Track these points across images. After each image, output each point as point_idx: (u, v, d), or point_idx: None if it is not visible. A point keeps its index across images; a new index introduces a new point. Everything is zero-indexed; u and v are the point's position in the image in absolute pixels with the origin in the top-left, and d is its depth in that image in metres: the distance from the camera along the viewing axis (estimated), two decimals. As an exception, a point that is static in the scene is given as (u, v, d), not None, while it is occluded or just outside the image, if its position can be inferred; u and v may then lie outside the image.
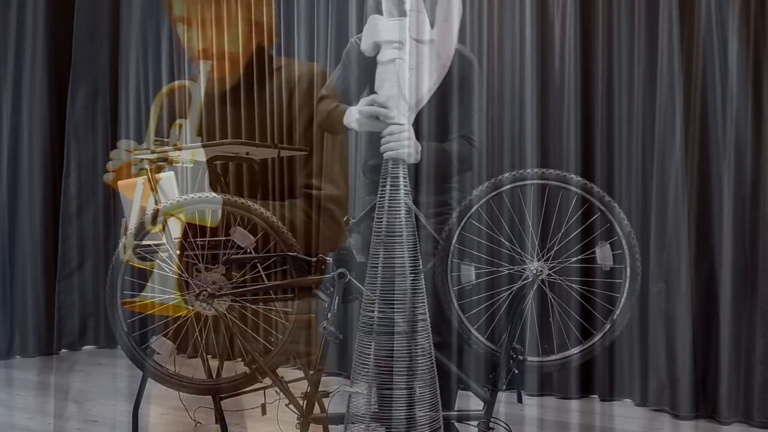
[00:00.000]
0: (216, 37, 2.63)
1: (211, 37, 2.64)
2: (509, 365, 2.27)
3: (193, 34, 2.67)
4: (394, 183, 2.09)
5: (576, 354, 2.33)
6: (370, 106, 2.16)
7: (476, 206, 2.30)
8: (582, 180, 2.30)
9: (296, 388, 2.45)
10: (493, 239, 2.57)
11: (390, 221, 2.07)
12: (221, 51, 2.66)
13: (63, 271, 5.11)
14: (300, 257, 2.38)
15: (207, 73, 2.55)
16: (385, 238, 2.06)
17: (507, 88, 3.88)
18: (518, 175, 2.32)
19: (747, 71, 3.28)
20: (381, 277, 2.05)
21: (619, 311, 2.29)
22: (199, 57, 2.65)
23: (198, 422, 3.22)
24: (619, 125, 3.65)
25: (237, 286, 2.42)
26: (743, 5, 3.28)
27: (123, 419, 3.39)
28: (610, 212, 2.27)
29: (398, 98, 2.12)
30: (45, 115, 5.04)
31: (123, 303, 2.36)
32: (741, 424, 3.29)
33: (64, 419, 3.52)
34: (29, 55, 4.98)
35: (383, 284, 2.05)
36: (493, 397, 2.28)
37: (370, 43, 2.16)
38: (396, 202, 2.08)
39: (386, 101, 2.12)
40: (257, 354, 2.42)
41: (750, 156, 3.28)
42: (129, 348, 2.44)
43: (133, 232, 2.40)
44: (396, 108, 2.12)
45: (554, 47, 3.78)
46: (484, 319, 2.62)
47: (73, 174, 5.17)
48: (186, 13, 2.67)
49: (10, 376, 4.51)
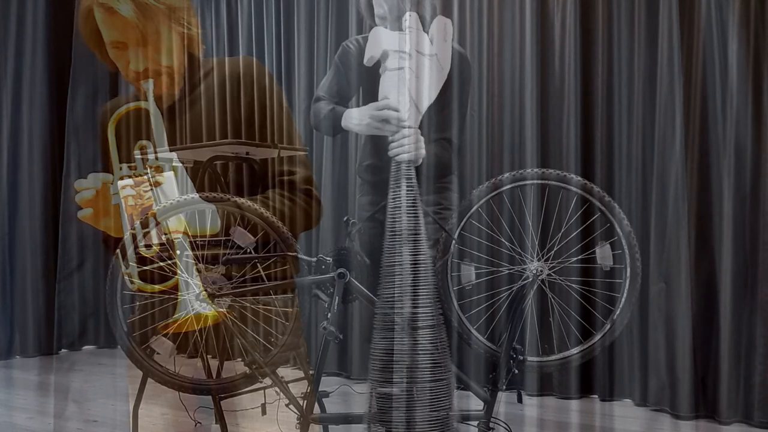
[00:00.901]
0: (152, 55, 2.65)
1: (147, 57, 2.65)
2: (509, 365, 2.27)
3: (129, 56, 2.69)
4: (410, 184, 2.16)
5: (576, 354, 2.33)
6: (383, 110, 2.22)
7: (476, 206, 2.31)
8: (582, 180, 2.31)
9: (296, 388, 2.45)
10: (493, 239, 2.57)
11: (410, 221, 2.14)
12: (158, 68, 2.68)
13: (63, 271, 5.11)
14: (300, 257, 2.38)
15: (152, 91, 2.57)
16: (407, 238, 2.13)
17: (507, 88, 3.88)
18: (518, 175, 2.32)
19: (747, 71, 3.28)
20: (409, 276, 2.13)
21: (619, 311, 2.29)
22: (139, 78, 2.67)
23: (198, 422, 3.22)
24: (619, 125, 3.65)
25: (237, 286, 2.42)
26: (743, 5, 3.28)
27: (123, 419, 3.39)
28: (610, 212, 2.27)
29: (409, 103, 2.21)
30: (45, 115, 5.04)
31: (162, 329, 2.37)
32: (741, 424, 3.29)
33: (64, 419, 3.52)
34: (29, 55, 4.98)
35: (412, 282, 2.12)
36: (493, 397, 2.29)
37: (376, 51, 2.26)
38: (413, 203, 2.16)
39: (397, 105, 2.20)
40: (257, 354, 2.42)
41: (750, 156, 3.28)
42: (129, 348, 2.44)
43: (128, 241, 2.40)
44: (407, 112, 2.18)
45: (554, 47, 3.78)
46: (484, 319, 2.63)
47: (73, 174, 5.16)
48: (121, 37, 2.69)
49: (10, 376, 4.51)
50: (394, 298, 2.13)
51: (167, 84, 2.68)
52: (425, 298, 2.13)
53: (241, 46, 4.76)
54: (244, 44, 4.75)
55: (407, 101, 2.20)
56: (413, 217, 2.14)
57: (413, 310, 2.12)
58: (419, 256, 2.13)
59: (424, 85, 2.24)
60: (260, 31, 4.69)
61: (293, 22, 4.46)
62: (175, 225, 2.40)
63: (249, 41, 4.73)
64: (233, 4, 4.85)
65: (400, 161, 2.18)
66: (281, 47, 4.59)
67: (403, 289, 2.13)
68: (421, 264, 2.13)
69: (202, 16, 4.95)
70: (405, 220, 2.14)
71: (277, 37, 4.61)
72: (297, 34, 4.44)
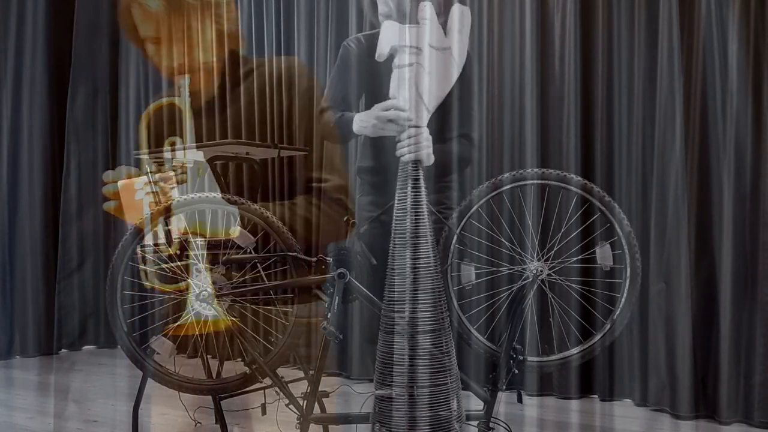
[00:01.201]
0: (188, 52, 2.64)
1: (183, 52, 2.65)
2: (509, 365, 2.27)
3: (165, 52, 2.69)
4: (416, 185, 2.13)
5: (576, 354, 2.33)
6: (389, 111, 2.17)
7: (476, 206, 2.31)
8: (582, 180, 2.30)
9: (296, 388, 2.45)
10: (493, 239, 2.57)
11: (415, 222, 2.11)
12: (196, 64, 2.67)
13: (63, 271, 5.11)
14: (300, 257, 2.38)
15: (187, 87, 2.56)
16: (411, 239, 2.10)
17: (507, 88, 3.88)
18: (518, 175, 2.32)
19: (747, 71, 3.28)
20: (412, 278, 2.09)
21: (619, 311, 2.29)
22: (175, 73, 2.67)
23: (198, 422, 3.22)
24: (619, 125, 3.65)
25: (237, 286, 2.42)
26: (743, 5, 3.28)
27: (123, 419, 3.39)
28: (610, 212, 2.27)
29: (417, 101, 2.15)
30: (45, 115, 5.04)
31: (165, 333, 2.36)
32: (741, 424, 3.29)
33: (64, 419, 3.52)
34: (29, 55, 4.97)
35: (412, 284, 2.10)
36: (493, 397, 2.29)
37: (386, 47, 2.18)
38: (419, 204, 2.12)
39: (404, 105, 2.14)
40: (257, 354, 2.42)
41: (750, 155, 3.28)
42: (129, 348, 2.44)
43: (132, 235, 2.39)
44: (414, 111, 2.14)
45: (554, 47, 3.78)
46: (484, 319, 2.63)
47: (73, 174, 5.17)
48: (154, 33, 2.70)
49: (10, 376, 4.51)
50: (396, 300, 2.11)
51: (205, 80, 2.67)
52: (426, 301, 2.10)
53: (241, 47, 4.76)
54: (244, 44, 4.75)
55: (413, 99, 2.14)
56: (419, 219, 2.11)
57: (414, 313, 2.09)
58: (424, 259, 2.10)
59: (434, 81, 2.17)
60: (260, 31, 4.69)
61: (293, 22, 4.46)
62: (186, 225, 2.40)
63: (249, 41, 4.73)
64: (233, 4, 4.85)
65: (406, 161, 2.14)
66: (281, 47, 4.59)
67: (405, 292, 2.10)
68: (425, 267, 2.10)
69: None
70: (410, 221, 2.11)
71: (277, 37, 4.61)
72: (297, 34, 4.44)
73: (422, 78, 2.15)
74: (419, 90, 2.15)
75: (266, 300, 2.47)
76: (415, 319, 2.08)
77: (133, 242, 2.42)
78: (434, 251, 2.13)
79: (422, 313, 2.09)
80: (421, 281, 2.10)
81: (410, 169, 2.13)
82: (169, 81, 2.83)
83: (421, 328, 2.08)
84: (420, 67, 2.15)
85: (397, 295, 2.11)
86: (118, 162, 5.20)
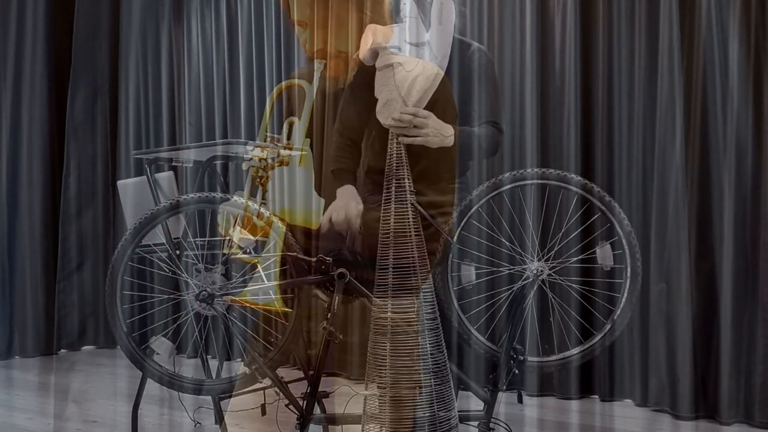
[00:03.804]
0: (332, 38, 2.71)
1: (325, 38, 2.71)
2: (509, 365, 2.27)
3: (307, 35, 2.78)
4: (399, 184, 2.12)
5: (576, 354, 2.33)
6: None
7: (476, 206, 2.30)
8: (582, 180, 2.30)
9: (296, 389, 2.45)
10: (493, 239, 2.57)
11: (397, 221, 2.10)
12: (335, 51, 2.73)
13: (63, 271, 5.11)
14: (300, 257, 2.38)
15: (320, 71, 2.57)
16: (394, 239, 2.10)
17: (507, 88, 3.88)
18: (518, 175, 2.32)
19: (747, 71, 3.27)
20: (392, 278, 2.09)
21: (619, 311, 2.29)
22: (315, 57, 2.71)
23: (198, 422, 3.22)
24: (619, 125, 3.65)
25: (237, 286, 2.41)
26: (743, 5, 3.27)
27: (123, 419, 3.39)
28: (611, 212, 2.27)
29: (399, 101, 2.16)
30: (45, 115, 5.04)
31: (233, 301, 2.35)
32: (741, 424, 3.28)
33: (64, 419, 3.51)
34: (29, 55, 4.98)
35: (394, 285, 2.09)
36: (494, 398, 2.28)
37: (367, 51, 2.20)
38: (402, 203, 2.12)
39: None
40: (257, 354, 2.42)
41: (750, 156, 3.27)
42: (129, 348, 2.44)
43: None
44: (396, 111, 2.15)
45: (554, 47, 3.78)
46: (485, 319, 2.63)
47: (73, 174, 5.17)
48: (301, 17, 2.78)
49: (10, 376, 4.51)
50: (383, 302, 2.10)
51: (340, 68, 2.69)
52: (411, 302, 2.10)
53: (241, 46, 4.77)
54: (244, 44, 4.75)
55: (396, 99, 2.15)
56: (401, 217, 2.11)
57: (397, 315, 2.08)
58: (405, 259, 2.09)
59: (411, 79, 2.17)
60: (260, 31, 4.69)
61: (293, 22, 4.46)
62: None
63: (249, 41, 4.73)
64: (233, 4, 4.85)
65: (390, 161, 2.15)
66: (281, 47, 4.59)
67: (385, 293, 2.10)
68: (407, 266, 2.09)
69: (201, 16, 4.95)
70: (392, 221, 2.11)
71: (277, 37, 4.61)
72: (297, 34, 4.44)
73: (402, 77, 2.15)
74: (399, 89, 2.15)
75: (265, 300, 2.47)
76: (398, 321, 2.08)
77: (133, 242, 2.42)
78: (419, 251, 2.12)
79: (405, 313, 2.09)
80: (402, 281, 2.09)
81: (394, 167, 2.14)
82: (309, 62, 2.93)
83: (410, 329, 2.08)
84: (399, 66, 2.16)
85: (382, 296, 2.11)
86: (118, 162, 5.21)
